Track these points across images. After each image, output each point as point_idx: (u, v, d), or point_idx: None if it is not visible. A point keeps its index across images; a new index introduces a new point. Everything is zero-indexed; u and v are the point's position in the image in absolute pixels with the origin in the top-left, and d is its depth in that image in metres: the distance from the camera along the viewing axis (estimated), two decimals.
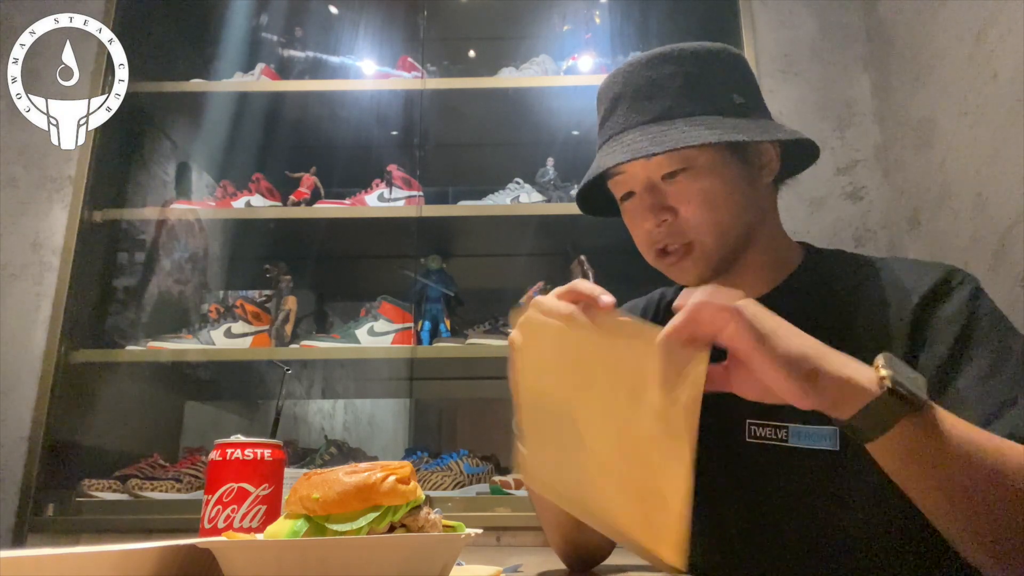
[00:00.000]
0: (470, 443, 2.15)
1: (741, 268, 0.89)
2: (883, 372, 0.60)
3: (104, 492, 1.85)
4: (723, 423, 0.86)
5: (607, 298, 0.67)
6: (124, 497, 1.84)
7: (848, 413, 0.60)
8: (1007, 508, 0.61)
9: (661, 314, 1.03)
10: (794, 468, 0.81)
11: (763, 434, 0.84)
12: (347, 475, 0.57)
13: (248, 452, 0.79)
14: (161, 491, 1.85)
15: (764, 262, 0.91)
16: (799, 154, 0.92)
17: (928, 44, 1.79)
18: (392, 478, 0.57)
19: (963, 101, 1.63)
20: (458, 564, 0.75)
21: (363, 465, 0.58)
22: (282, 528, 0.56)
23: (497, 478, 1.90)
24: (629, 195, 0.90)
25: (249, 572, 0.53)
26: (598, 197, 0.95)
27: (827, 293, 0.87)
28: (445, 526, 0.60)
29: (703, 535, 0.90)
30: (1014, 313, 1.39)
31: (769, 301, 0.83)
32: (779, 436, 0.83)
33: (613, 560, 1.01)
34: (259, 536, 0.61)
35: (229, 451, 0.79)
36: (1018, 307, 1.39)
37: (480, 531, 0.60)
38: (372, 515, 0.55)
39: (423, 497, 0.59)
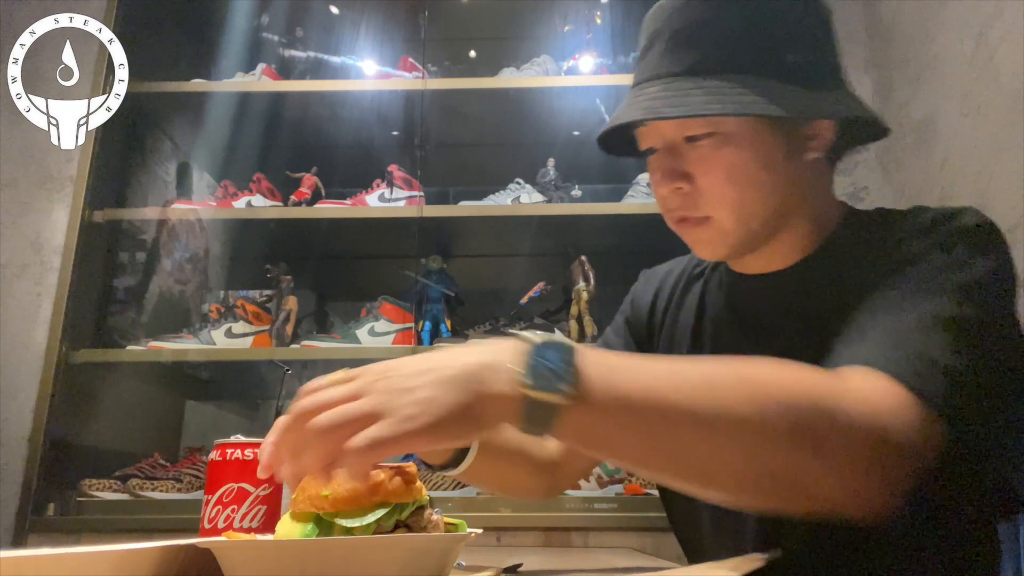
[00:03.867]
0: None
1: (773, 242, 0.80)
2: (518, 377, 0.53)
3: (104, 492, 1.85)
4: None
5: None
6: (124, 497, 1.84)
7: (512, 419, 0.54)
8: (727, 441, 0.54)
9: (694, 284, 0.95)
10: None
11: None
12: None
13: (248, 452, 0.79)
14: (161, 491, 1.85)
15: (802, 232, 0.80)
16: (862, 126, 0.80)
17: (929, 44, 1.79)
18: (398, 477, 0.57)
19: (964, 102, 1.63)
20: (458, 564, 0.74)
21: None
22: (292, 531, 0.56)
23: None
24: (652, 150, 0.80)
25: (249, 572, 0.53)
26: (622, 139, 0.84)
27: (868, 254, 0.75)
28: (447, 524, 0.60)
29: (681, 532, 0.92)
30: None
31: (804, 268, 0.80)
32: None
33: (616, 561, 1.01)
34: (259, 536, 0.61)
35: (229, 451, 0.79)
36: (1018, 307, 1.39)
37: (480, 531, 0.60)
38: (380, 512, 0.55)
39: (428, 498, 0.59)
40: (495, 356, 0.55)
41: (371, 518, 0.55)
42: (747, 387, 0.55)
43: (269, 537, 0.58)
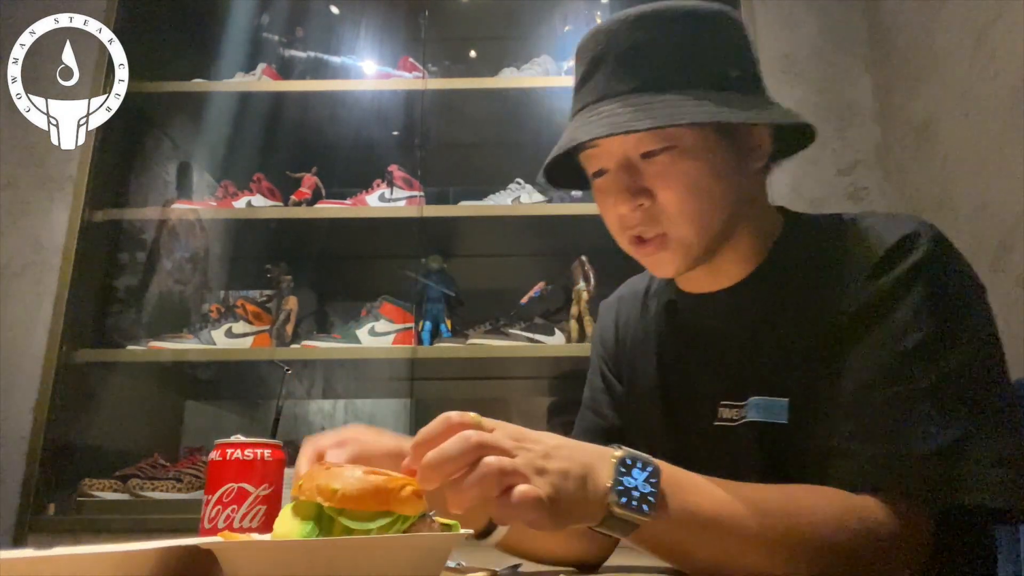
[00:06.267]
0: None
1: (721, 256, 0.83)
2: (611, 497, 0.60)
3: (104, 492, 1.85)
4: (694, 406, 0.85)
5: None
6: (124, 497, 1.84)
7: (594, 523, 0.61)
8: (775, 560, 0.63)
9: (651, 308, 0.97)
10: (746, 445, 0.78)
11: (730, 416, 0.80)
12: (368, 474, 0.56)
13: (248, 452, 0.79)
14: (161, 491, 1.85)
15: (747, 246, 0.84)
16: (794, 135, 0.84)
17: (929, 44, 1.79)
18: (410, 488, 0.57)
19: (964, 102, 1.63)
20: (458, 564, 0.75)
21: (382, 470, 0.58)
22: (292, 528, 0.56)
23: None
24: (602, 172, 0.81)
25: (252, 572, 0.53)
26: (566, 169, 0.85)
27: (805, 266, 0.80)
28: (441, 525, 0.60)
29: None
30: (1014, 313, 1.39)
31: (751, 285, 0.83)
32: (741, 415, 0.79)
33: (618, 560, 1.01)
34: (255, 535, 0.60)
35: (229, 451, 0.79)
36: (1018, 307, 1.39)
37: (472, 531, 0.60)
38: (385, 520, 0.55)
39: (426, 507, 0.59)
40: (594, 463, 0.61)
41: (374, 525, 0.54)
42: (789, 518, 0.64)
43: (267, 537, 0.58)
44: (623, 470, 0.61)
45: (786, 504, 0.66)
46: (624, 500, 0.59)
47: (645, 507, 0.60)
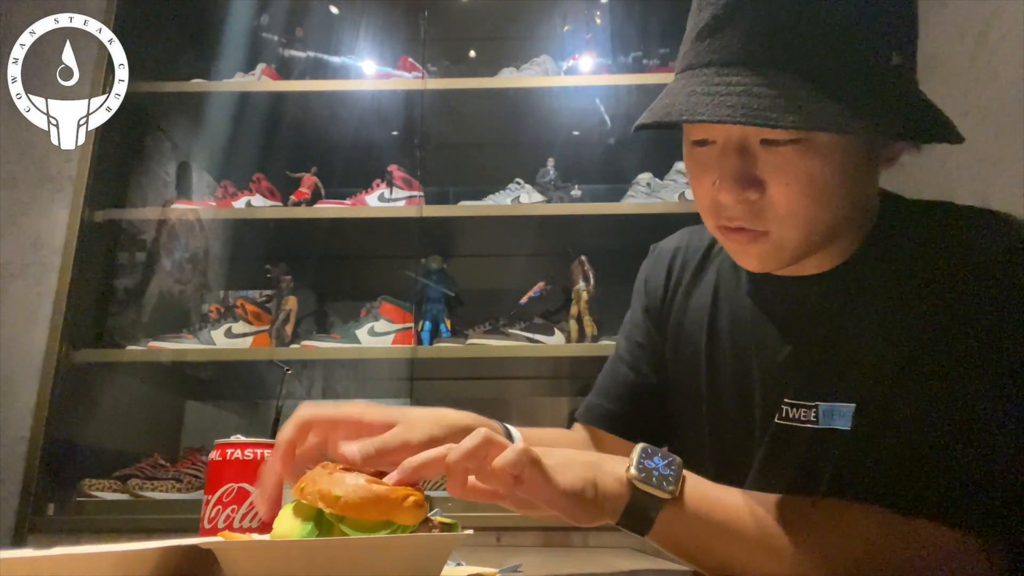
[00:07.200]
0: None
1: (819, 251, 0.74)
2: (632, 472, 0.64)
3: (104, 492, 1.85)
4: (756, 402, 0.79)
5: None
6: (124, 497, 1.84)
7: (616, 517, 0.64)
8: (762, 559, 0.65)
9: (712, 270, 0.89)
10: (807, 449, 0.72)
11: (795, 415, 0.73)
12: (371, 483, 0.56)
13: (248, 452, 0.79)
14: (161, 491, 1.85)
15: (848, 238, 0.74)
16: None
17: (929, 44, 1.79)
18: (412, 499, 0.57)
19: (964, 101, 1.62)
20: (458, 564, 0.75)
21: (387, 478, 0.58)
22: (292, 528, 0.56)
23: None
24: (706, 142, 0.69)
25: (252, 572, 0.53)
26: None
27: (899, 263, 0.71)
28: (442, 524, 0.60)
29: None
30: None
31: (836, 277, 0.75)
32: (809, 417, 0.72)
33: (617, 561, 1.01)
34: (255, 536, 0.60)
35: (229, 451, 0.79)
36: None
37: (471, 531, 0.60)
38: (385, 531, 0.55)
39: (427, 514, 0.59)
40: (607, 458, 0.67)
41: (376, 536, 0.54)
42: (820, 532, 0.64)
43: (267, 537, 0.58)
44: (644, 456, 0.65)
45: (818, 518, 0.65)
46: (644, 476, 0.63)
47: (665, 484, 0.63)
